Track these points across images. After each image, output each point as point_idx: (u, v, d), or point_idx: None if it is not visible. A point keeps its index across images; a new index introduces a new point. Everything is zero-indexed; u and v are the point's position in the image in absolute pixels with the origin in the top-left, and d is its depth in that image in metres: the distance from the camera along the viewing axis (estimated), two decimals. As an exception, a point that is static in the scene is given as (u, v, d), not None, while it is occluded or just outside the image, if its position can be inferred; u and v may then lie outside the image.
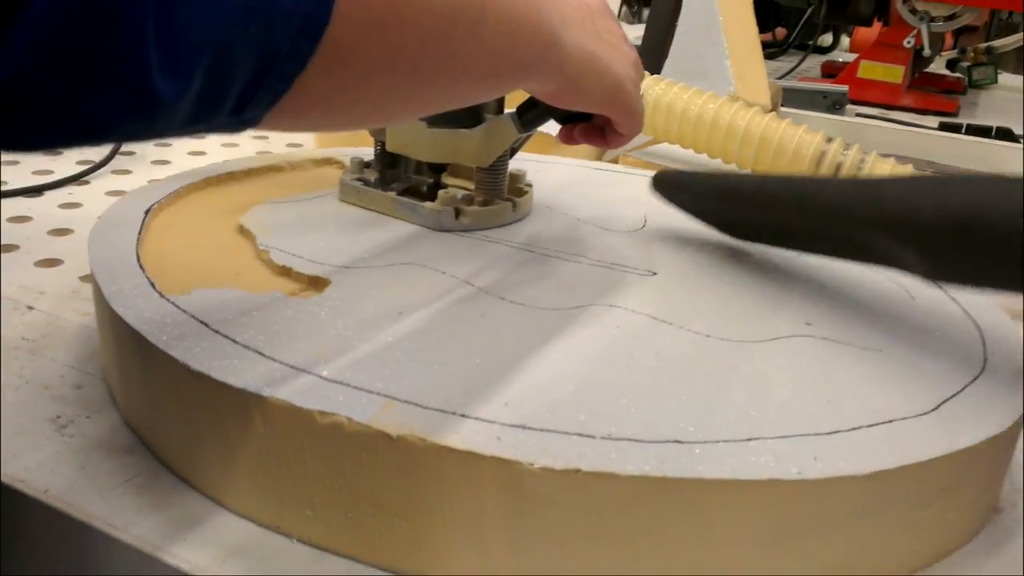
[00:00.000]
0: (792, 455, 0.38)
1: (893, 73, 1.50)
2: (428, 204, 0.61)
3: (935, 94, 1.59)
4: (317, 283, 0.51)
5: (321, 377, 0.41)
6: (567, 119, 0.54)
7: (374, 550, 0.40)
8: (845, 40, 2.27)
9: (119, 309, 0.45)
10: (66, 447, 0.46)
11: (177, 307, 0.46)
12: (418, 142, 0.61)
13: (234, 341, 0.43)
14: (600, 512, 0.37)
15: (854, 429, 0.41)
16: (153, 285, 0.48)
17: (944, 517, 0.42)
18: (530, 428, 0.39)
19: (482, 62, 0.37)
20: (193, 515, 0.42)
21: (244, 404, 0.40)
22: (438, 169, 0.66)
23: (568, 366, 0.44)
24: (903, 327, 0.52)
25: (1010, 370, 0.48)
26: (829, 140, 0.74)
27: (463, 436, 0.37)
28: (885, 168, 0.70)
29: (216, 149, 0.99)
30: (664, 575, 0.38)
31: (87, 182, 0.84)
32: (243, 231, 0.58)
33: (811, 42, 1.84)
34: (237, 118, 0.29)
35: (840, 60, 1.91)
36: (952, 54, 1.90)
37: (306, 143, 1.02)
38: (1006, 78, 1.86)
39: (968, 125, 1.24)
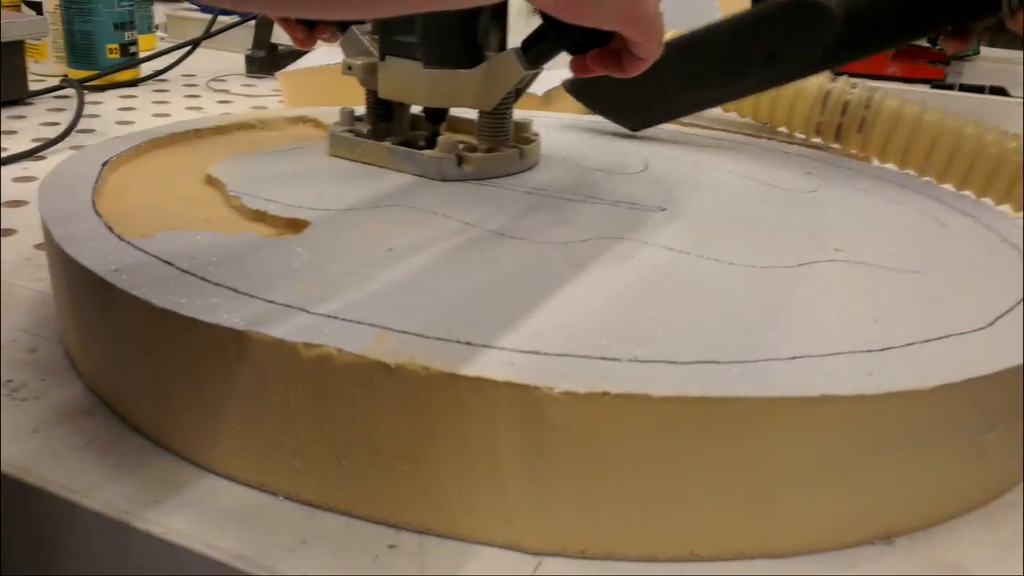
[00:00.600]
0: (844, 372, 0.34)
1: (877, 41, 1.46)
2: (427, 152, 0.56)
3: (921, 63, 1.56)
4: (295, 225, 0.46)
5: (305, 311, 0.36)
6: (577, 47, 0.47)
7: (373, 502, 0.35)
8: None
9: (71, 250, 0.40)
10: (17, 411, 0.40)
11: (138, 248, 0.41)
12: (413, 86, 0.55)
13: (204, 279, 0.38)
14: (631, 440, 0.32)
15: (908, 344, 0.36)
16: (111, 229, 0.43)
17: (1008, 443, 0.37)
18: (547, 353, 0.34)
19: None
20: (165, 477, 0.37)
21: (217, 343, 0.35)
22: (435, 119, 0.60)
23: (584, 295, 0.39)
24: (938, 251, 0.48)
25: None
26: (834, 79, 0.70)
27: (471, 364, 0.33)
28: (894, 103, 0.66)
29: (181, 116, 0.93)
30: (702, 507, 0.33)
31: (43, 157, 0.79)
32: (211, 181, 0.53)
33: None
34: None
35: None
36: (932, 26, 1.87)
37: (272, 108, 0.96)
38: (987, 49, 1.84)
39: (961, 85, 1.21)
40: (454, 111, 0.60)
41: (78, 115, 0.86)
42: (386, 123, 0.60)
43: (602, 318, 0.37)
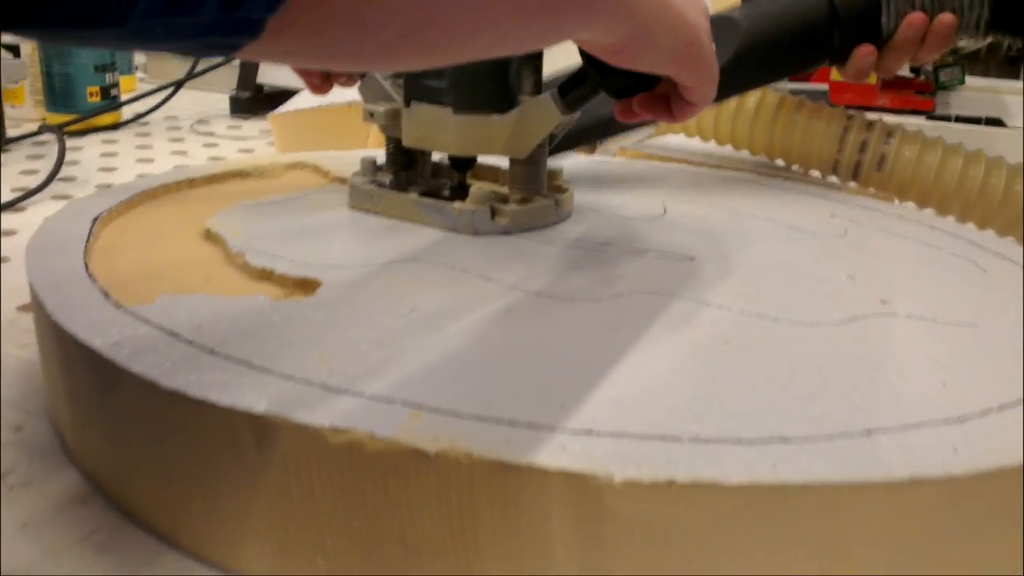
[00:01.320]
0: (927, 448, 0.31)
1: (867, 73, 1.46)
2: (457, 204, 0.51)
3: (910, 94, 1.56)
4: (306, 285, 0.43)
5: (327, 387, 0.32)
6: (623, 91, 0.42)
7: (408, 604, 0.31)
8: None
9: (66, 322, 0.36)
10: (4, 501, 0.36)
11: (138, 318, 0.37)
12: (441, 134, 0.51)
13: (213, 352, 0.35)
14: (700, 531, 0.29)
15: (986, 413, 0.33)
16: (107, 295, 0.40)
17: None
18: (599, 433, 0.31)
19: None
20: None
21: (232, 428, 0.31)
22: (462, 168, 0.56)
23: (633, 362, 0.36)
24: (987, 301, 0.45)
25: None
26: (850, 116, 0.68)
27: (519, 449, 0.29)
28: (915, 142, 0.64)
29: (166, 160, 0.90)
30: (784, 608, 0.30)
31: (23, 208, 0.75)
32: (211, 236, 0.49)
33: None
34: (229, 17, 0.21)
35: (805, 68, 1.88)
36: (916, 57, 1.88)
37: (261, 152, 0.93)
38: (972, 79, 1.85)
39: (957, 116, 1.20)
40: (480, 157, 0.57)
41: (59, 162, 0.83)
42: (408, 172, 0.56)
43: (654, 388, 0.34)
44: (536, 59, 0.53)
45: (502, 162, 0.55)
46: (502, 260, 0.47)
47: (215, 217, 0.51)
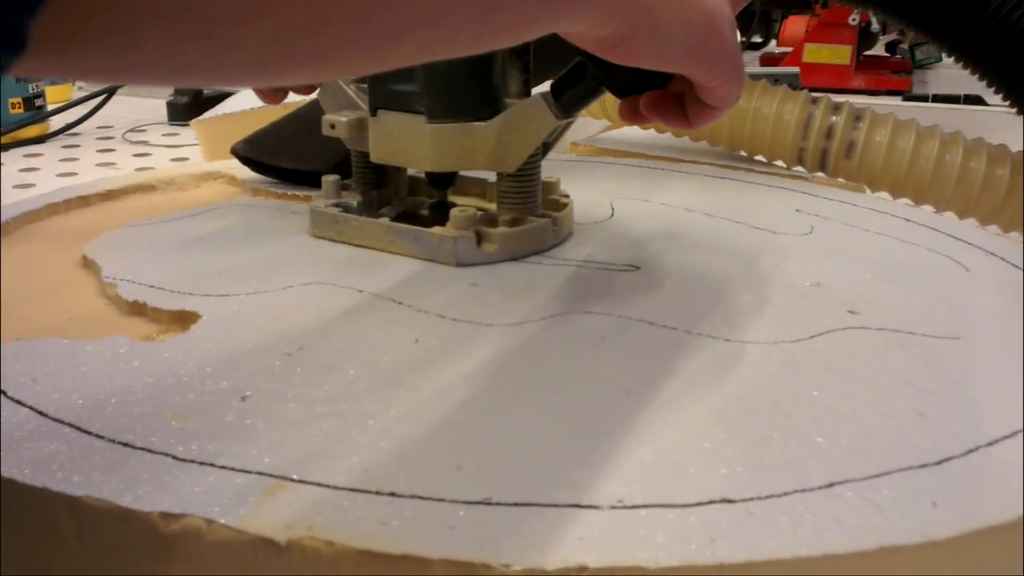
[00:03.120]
0: (900, 505, 0.25)
1: (840, 54, 1.41)
2: (437, 229, 0.43)
3: (885, 74, 1.51)
4: (184, 319, 0.37)
5: (174, 457, 0.27)
6: (628, 87, 0.35)
7: None
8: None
9: None
10: None
11: (-37, 372, 0.31)
12: (415, 147, 0.43)
13: (42, 413, 0.29)
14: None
15: (970, 452, 0.28)
16: (-66, 344, 0.33)
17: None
18: (500, 503, 0.25)
19: None
20: None
21: (51, 514, 0.25)
22: (441, 185, 0.48)
23: (546, 405, 0.31)
24: (971, 306, 0.40)
25: None
26: (815, 100, 0.62)
27: (396, 530, 0.23)
28: (886, 125, 0.59)
29: (91, 174, 0.84)
30: None
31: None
32: (87, 264, 0.43)
33: (745, 38, 1.75)
34: None
35: (778, 52, 1.82)
36: (892, 37, 1.83)
37: (194, 157, 0.87)
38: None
39: (935, 95, 1.15)
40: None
41: (-31, 180, 0.76)
42: (380, 189, 0.49)
43: (569, 438, 0.28)
44: (523, 54, 0.45)
45: (490, 174, 0.47)
46: (483, 297, 0.41)
47: (97, 241, 0.45)
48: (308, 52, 0.20)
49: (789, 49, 1.69)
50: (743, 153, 0.66)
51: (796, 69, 1.28)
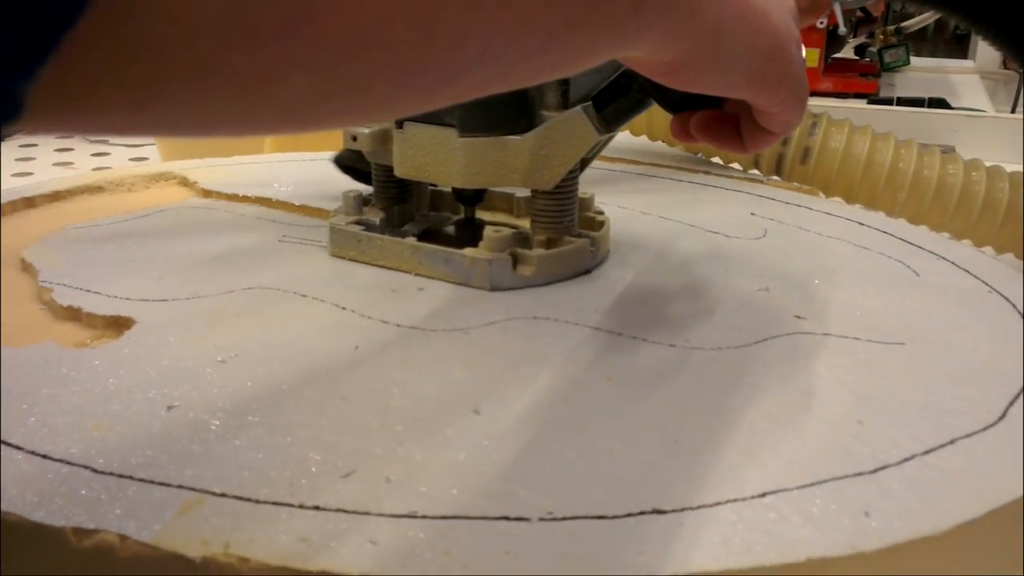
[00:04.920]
0: (832, 515, 0.25)
1: (808, 57, 1.41)
2: (469, 251, 0.40)
3: (853, 77, 1.52)
4: (119, 325, 0.36)
5: (87, 467, 0.26)
6: (680, 103, 0.33)
7: None
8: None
9: None
10: None
11: None
12: (444, 162, 0.40)
13: (-40, 425, 0.28)
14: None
15: (905, 460, 0.28)
16: None
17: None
18: (426, 516, 0.24)
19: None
20: None
21: (-41, 527, 0.24)
22: (470, 200, 0.45)
23: (486, 412, 0.30)
24: (919, 311, 0.40)
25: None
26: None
27: (316, 545, 0.23)
28: (842, 130, 0.59)
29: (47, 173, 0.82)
30: None
31: None
32: (26, 267, 0.42)
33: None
34: None
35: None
36: (860, 40, 1.84)
37: (154, 157, 0.85)
38: (919, 60, 1.82)
39: (899, 98, 1.16)
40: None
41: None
42: (402, 204, 0.45)
43: (500, 449, 0.28)
44: None
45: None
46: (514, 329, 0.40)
47: (37, 244, 0.44)
48: (353, 103, 0.18)
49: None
50: (700, 156, 0.66)
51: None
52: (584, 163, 0.41)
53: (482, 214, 0.46)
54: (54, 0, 0.12)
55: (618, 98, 0.38)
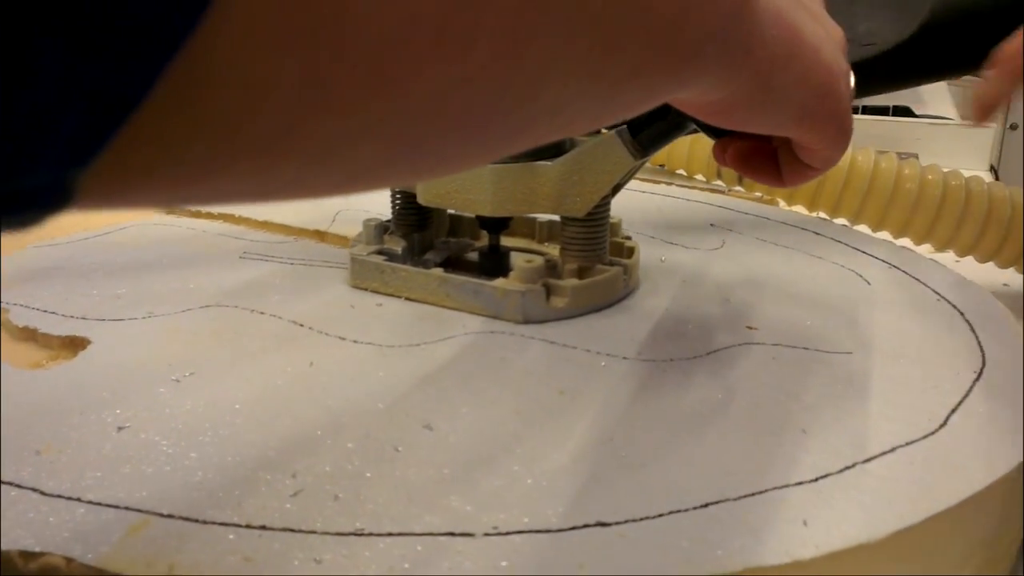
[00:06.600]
0: (770, 524, 0.25)
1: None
2: (500, 283, 0.39)
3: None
4: (74, 345, 0.36)
5: (35, 490, 0.26)
6: (721, 130, 0.31)
7: None
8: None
9: None
10: None
11: None
12: (471, 188, 0.39)
13: (-92, 449, 0.28)
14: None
15: (847, 469, 0.28)
16: None
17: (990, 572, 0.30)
18: (371, 533, 0.24)
19: (622, 45, 0.18)
20: None
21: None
22: (494, 229, 0.43)
23: (424, 421, 0.30)
24: (867, 320, 0.40)
25: (1016, 357, 0.37)
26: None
27: (261, 566, 0.23)
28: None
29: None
30: None
31: None
32: (-18, 288, 0.42)
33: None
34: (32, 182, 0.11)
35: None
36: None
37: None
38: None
39: (864, 107, 1.17)
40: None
41: None
42: (423, 231, 0.45)
43: (433, 463, 0.28)
44: None
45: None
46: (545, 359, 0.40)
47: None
48: (417, 166, 0.17)
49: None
50: (663, 167, 0.67)
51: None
52: (616, 189, 0.41)
53: (505, 240, 0.45)
54: (123, 76, 0.10)
55: (655, 122, 0.36)
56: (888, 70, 0.44)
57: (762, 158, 0.31)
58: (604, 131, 0.39)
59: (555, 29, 0.15)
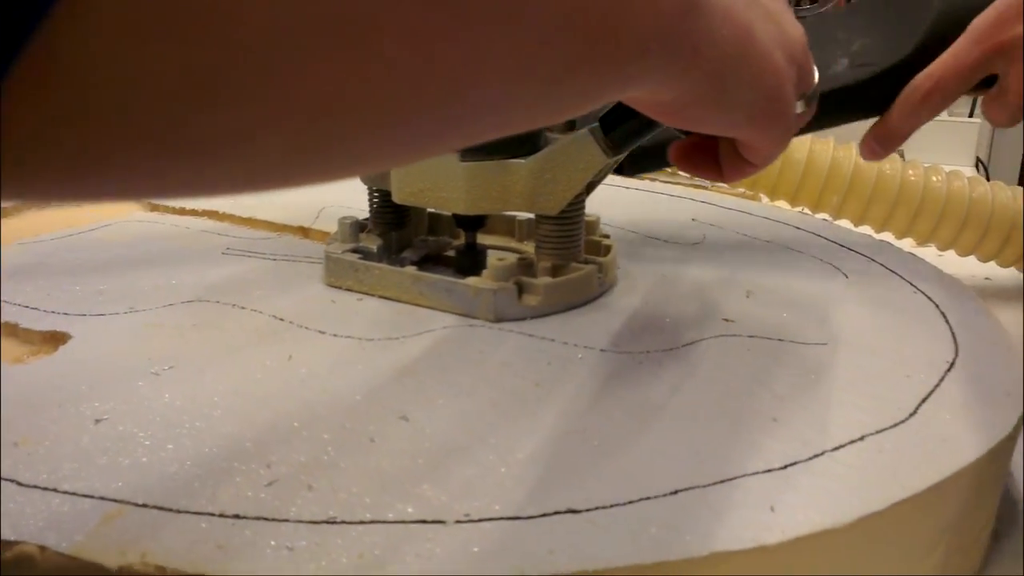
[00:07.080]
0: (738, 510, 0.26)
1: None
2: (473, 281, 0.39)
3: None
4: (55, 339, 0.36)
5: (13, 481, 0.26)
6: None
7: None
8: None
9: None
10: None
11: None
12: (445, 187, 0.39)
13: None
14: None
15: (815, 457, 0.29)
16: None
17: (948, 564, 0.30)
18: (343, 521, 0.25)
19: (554, 41, 0.18)
20: None
21: None
22: (470, 226, 0.43)
23: (400, 411, 0.31)
24: (843, 312, 0.41)
25: (990, 349, 0.37)
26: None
27: (233, 554, 0.23)
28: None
29: None
30: None
31: None
32: (-34, 284, 0.42)
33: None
34: None
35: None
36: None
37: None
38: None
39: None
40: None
41: None
42: (400, 229, 0.45)
43: (406, 452, 0.28)
44: None
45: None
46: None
47: (-21, 260, 0.44)
48: (332, 163, 0.17)
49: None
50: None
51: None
52: (590, 187, 0.41)
53: (483, 238, 0.45)
54: None
55: (627, 120, 0.36)
56: (883, 91, 0.42)
57: (702, 154, 0.31)
58: (577, 128, 0.39)
59: (473, 27, 0.15)
